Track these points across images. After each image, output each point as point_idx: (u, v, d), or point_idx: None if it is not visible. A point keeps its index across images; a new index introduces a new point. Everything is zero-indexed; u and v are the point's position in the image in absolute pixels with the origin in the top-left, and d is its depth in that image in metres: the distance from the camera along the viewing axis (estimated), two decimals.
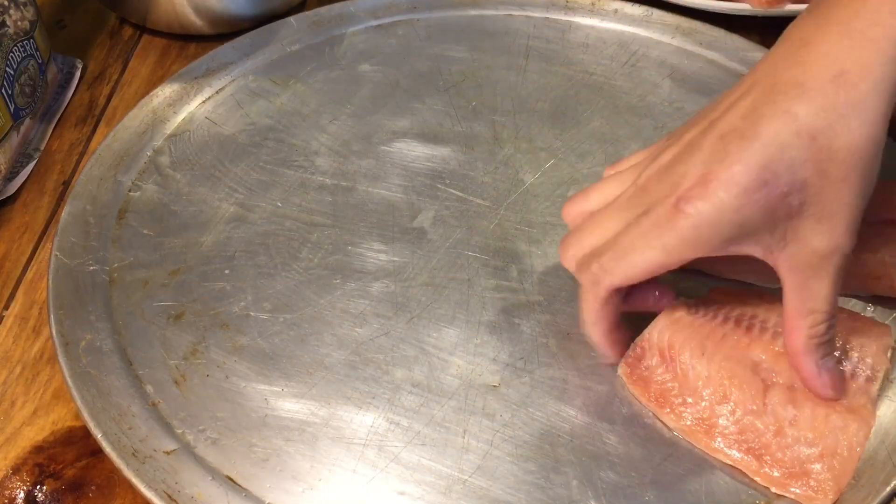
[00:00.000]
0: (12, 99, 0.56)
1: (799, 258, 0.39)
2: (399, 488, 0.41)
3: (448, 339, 0.47)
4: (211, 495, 0.41)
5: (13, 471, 0.43)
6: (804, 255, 0.38)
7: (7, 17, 0.57)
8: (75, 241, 0.51)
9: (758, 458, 0.41)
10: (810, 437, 0.40)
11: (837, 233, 0.38)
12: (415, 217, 0.53)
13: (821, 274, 0.39)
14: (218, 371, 0.46)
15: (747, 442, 0.41)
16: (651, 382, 0.43)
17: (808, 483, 0.40)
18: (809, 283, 0.39)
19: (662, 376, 0.43)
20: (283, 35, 0.65)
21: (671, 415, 0.43)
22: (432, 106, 0.60)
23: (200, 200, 0.54)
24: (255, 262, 0.51)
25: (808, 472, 0.40)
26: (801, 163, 0.37)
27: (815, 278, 0.39)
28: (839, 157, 0.37)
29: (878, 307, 0.47)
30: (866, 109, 0.37)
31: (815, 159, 0.37)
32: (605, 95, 0.61)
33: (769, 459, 0.41)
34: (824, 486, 0.40)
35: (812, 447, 0.40)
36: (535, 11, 0.67)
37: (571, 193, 0.54)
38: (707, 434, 0.42)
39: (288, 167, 0.56)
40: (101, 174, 0.55)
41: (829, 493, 0.39)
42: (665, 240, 0.39)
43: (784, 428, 0.41)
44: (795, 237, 0.38)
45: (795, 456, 0.40)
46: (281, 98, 0.61)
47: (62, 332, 0.47)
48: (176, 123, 0.59)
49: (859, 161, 0.37)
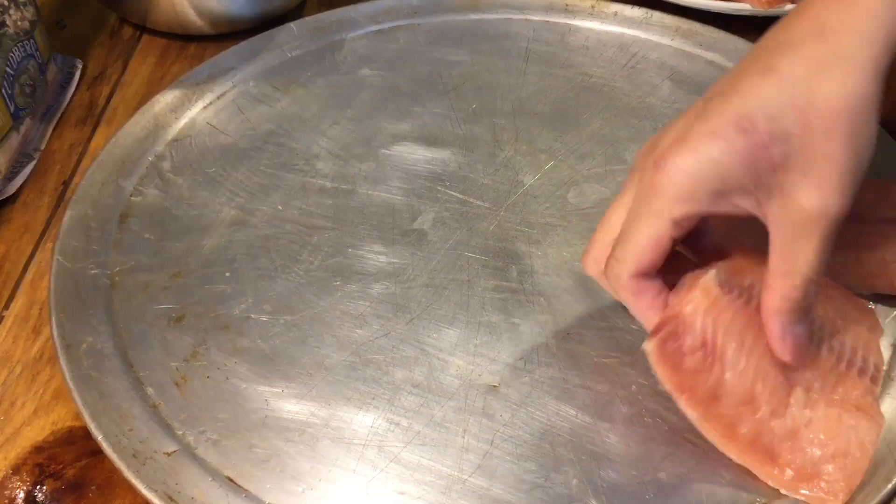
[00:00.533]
0: (12, 99, 0.57)
1: (785, 214, 0.37)
2: (399, 488, 0.41)
3: (448, 340, 0.47)
4: (211, 496, 0.41)
5: (13, 471, 0.43)
6: (791, 210, 0.37)
7: (7, 17, 0.57)
8: (77, 245, 0.51)
9: (771, 460, 0.40)
10: (822, 437, 0.40)
11: (825, 191, 0.36)
12: (415, 219, 0.53)
13: (806, 235, 0.37)
14: (218, 373, 0.46)
15: (763, 445, 0.40)
16: (682, 366, 0.40)
17: (819, 485, 0.39)
18: (794, 243, 0.37)
19: (701, 364, 0.40)
20: (283, 40, 0.65)
21: (691, 402, 0.40)
22: (432, 109, 0.60)
23: (201, 204, 0.54)
24: (255, 264, 0.51)
25: (820, 474, 0.39)
26: (783, 113, 0.36)
27: (800, 238, 0.37)
28: (822, 108, 0.36)
29: (878, 306, 0.47)
30: (851, 60, 0.36)
31: (797, 109, 0.36)
32: (605, 97, 0.61)
33: (782, 462, 0.40)
34: (835, 486, 0.39)
35: (824, 448, 0.40)
36: (535, 15, 0.67)
37: (571, 195, 0.54)
38: (725, 434, 0.40)
39: (289, 171, 0.56)
40: (102, 179, 0.55)
41: (839, 494, 0.39)
42: (653, 205, 0.38)
43: (800, 430, 0.40)
44: (782, 192, 0.37)
45: (808, 458, 0.40)
46: (282, 103, 0.61)
47: (63, 334, 0.47)
48: (177, 129, 0.59)
49: (844, 114, 0.36)
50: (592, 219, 0.52)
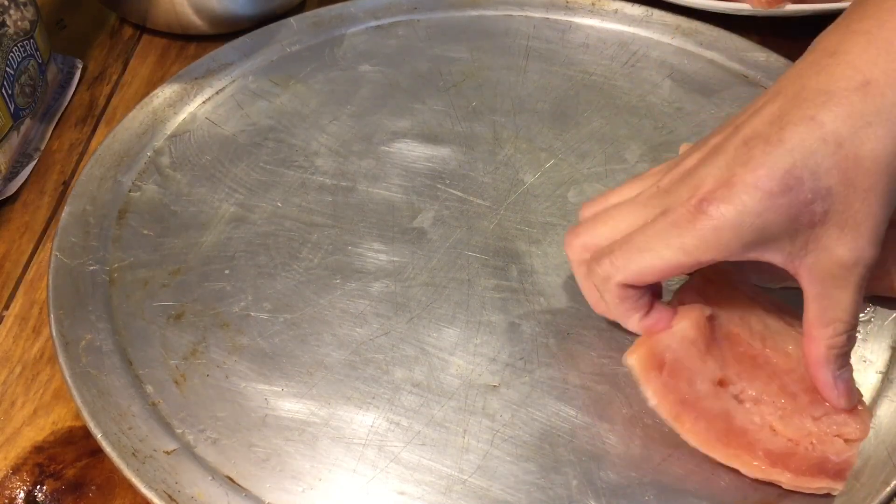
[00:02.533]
0: (12, 99, 0.57)
1: (821, 267, 0.38)
2: (399, 488, 0.41)
3: (448, 339, 0.47)
4: (211, 495, 0.41)
5: (13, 471, 0.43)
6: (827, 264, 0.38)
7: (7, 17, 0.57)
8: (75, 241, 0.51)
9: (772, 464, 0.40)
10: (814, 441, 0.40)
11: (861, 243, 0.37)
12: (415, 217, 0.53)
13: (843, 284, 0.38)
14: (218, 371, 0.46)
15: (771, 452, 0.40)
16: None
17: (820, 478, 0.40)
18: (831, 292, 0.38)
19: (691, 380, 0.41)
20: (283, 36, 0.65)
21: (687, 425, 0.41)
22: (432, 106, 0.60)
23: (200, 201, 0.54)
24: (255, 262, 0.51)
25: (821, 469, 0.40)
26: (826, 170, 0.37)
27: (837, 288, 0.38)
28: (865, 166, 0.37)
29: (878, 307, 0.47)
30: (893, 118, 0.36)
31: (840, 167, 0.37)
32: (606, 95, 0.61)
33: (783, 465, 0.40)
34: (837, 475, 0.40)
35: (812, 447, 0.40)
36: (535, 12, 0.67)
37: (572, 193, 0.54)
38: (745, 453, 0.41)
39: (288, 167, 0.56)
40: (101, 174, 0.55)
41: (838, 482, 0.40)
42: (684, 240, 0.38)
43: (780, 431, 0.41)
44: (818, 246, 0.38)
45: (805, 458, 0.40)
46: (281, 98, 0.61)
47: (62, 331, 0.47)
48: (176, 124, 0.59)
49: (885, 170, 0.37)
50: None
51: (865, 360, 0.45)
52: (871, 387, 0.44)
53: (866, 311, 0.47)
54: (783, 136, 0.37)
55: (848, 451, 0.40)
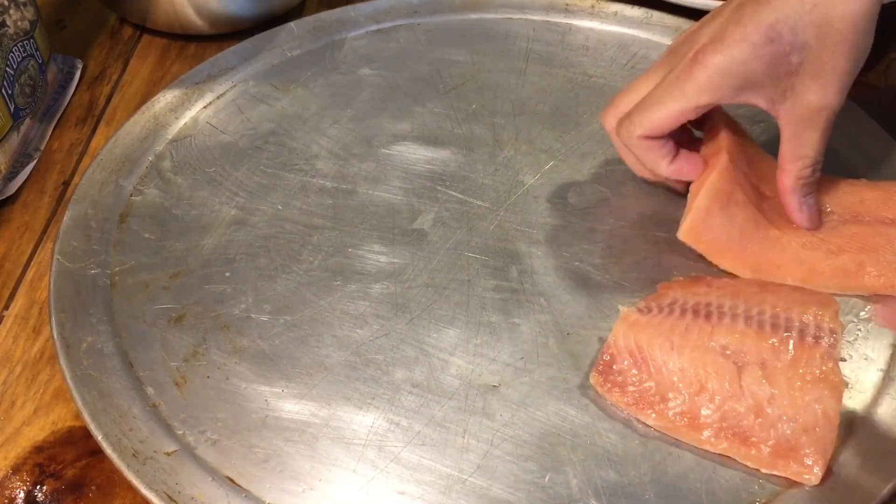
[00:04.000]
0: (12, 99, 0.57)
1: (795, 111, 0.45)
2: (399, 488, 0.41)
3: (448, 340, 0.47)
4: (211, 496, 0.41)
5: (13, 471, 0.43)
6: (800, 108, 0.45)
7: (7, 17, 0.57)
8: (77, 244, 0.51)
9: (744, 442, 0.41)
10: (790, 412, 0.41)
11: (829, 91, 0.44)
12: (415, 219, 0.53)
13: (812, 125, 0.45)
14: (218, 372, 0.46)
15: (731, 428, 0.41)
16: (626, 386, 0.44)
17: (796, 460, 0.40)
18: (802, 133, 0.46)
19: (638, 377, 0.44)
20: (283, 40, 0.65)
21: (653, 414, 0.43)
22: (432, 109, 0.60)
23: (201, 204, 0.54)
24: (255, 264, 0.51)
25: (794, 448, 0.40)
26: (803, 27, 0.43)
27: (807, 129, 0.45)
28: (836, 25, 0.43)
29: (877, 307, 0.47)
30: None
31: (814, 24, 0.43)
32: (606, 97, 0.60)
33: (755, 440, 0.41)
34: (811, 458, 0.40)
35: (792, 422, 0.41)
36: (535, 14, 0.67)
37: (571, 195, 0.54)
38: (692, 427, 0.42)
39: (288, 171, 0.56)
40: (102, 178, 0.55)
41: (815, 467, 0.40)
42: (684, 88, 0.45)
43: (764, 407, 0.41)
44: (794, 93, 0.45)
45: (779, 434, 0.41)
46: (282, 102, 0.61)
47: (63, 334, 0.47)
48: (177, 128, 0.59)
49: (852, 30, 0.43)
50: (592, 219, 0.52)
51: (867, 357, 0.45)
52: (872, 384, 0.44)
53: (867, 311, 0.47)
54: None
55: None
